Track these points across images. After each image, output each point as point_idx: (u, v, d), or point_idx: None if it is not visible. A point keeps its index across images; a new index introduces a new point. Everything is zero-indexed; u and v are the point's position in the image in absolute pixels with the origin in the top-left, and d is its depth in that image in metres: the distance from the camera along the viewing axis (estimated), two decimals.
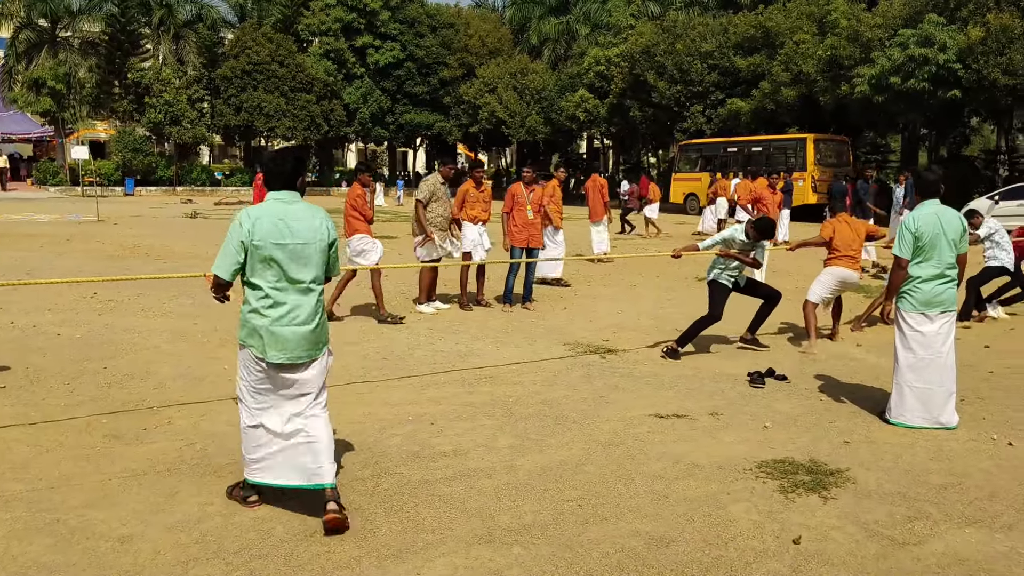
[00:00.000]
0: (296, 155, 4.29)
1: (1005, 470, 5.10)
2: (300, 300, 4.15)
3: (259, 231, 4.06)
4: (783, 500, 4.58)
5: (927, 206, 6.12)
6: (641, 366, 7.71)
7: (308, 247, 4.14)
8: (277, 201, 4.17)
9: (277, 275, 4.10)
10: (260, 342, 4.12)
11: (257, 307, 4.13)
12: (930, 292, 5.97)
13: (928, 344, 5.97)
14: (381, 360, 7.70)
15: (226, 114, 45.14)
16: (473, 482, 4.78)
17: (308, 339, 4.19)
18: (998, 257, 10.29)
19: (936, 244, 5.97)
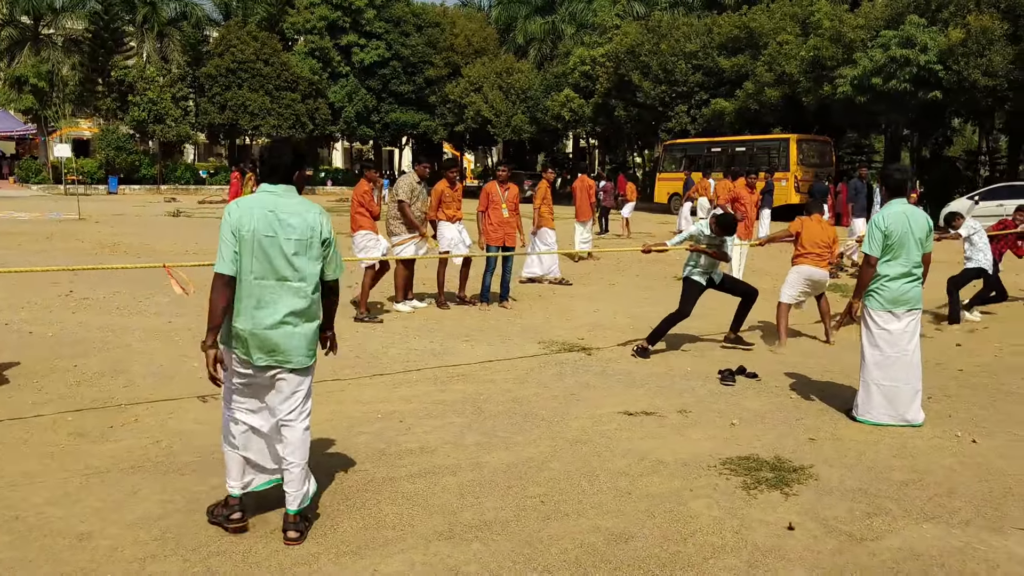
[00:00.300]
0: (295, 147, 4.05)
1: (967, 467, 5.14)
2: (289, 299, 3.86)
3: (247, 221, 3.78)
4: (745, 496, 4.60)
5: (895, 205, 6.16)
6: (614, 364, 7.74)
7: (299, 243, 3.85)
8: (268, 193, 3.89)
9: (264, 271, 3.82)
10: (245, 345, 3.84)
11: (242, 308, 3.83)
12: (897, 290, 6.01)
13: (895, 342, 6.02)
14: (354, 358, 7.69)
15: (210, 112, 44.93)
16: (437, 479, 4.78)
17: (296, 342, 3.89)
18: (975, 258, 10.39)
19: (904, 243, 6.02)
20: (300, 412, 4.02)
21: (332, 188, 48.91)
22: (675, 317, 8.11)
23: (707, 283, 8.23)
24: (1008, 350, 8.69)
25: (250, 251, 3.79)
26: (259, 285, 3.82)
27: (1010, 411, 6.35)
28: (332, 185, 50.12)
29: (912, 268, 6.05)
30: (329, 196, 44.24)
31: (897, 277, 6.01)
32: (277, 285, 3.84)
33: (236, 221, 3.81)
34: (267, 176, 3.97)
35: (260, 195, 3.91)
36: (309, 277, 3.91)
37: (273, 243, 3.81)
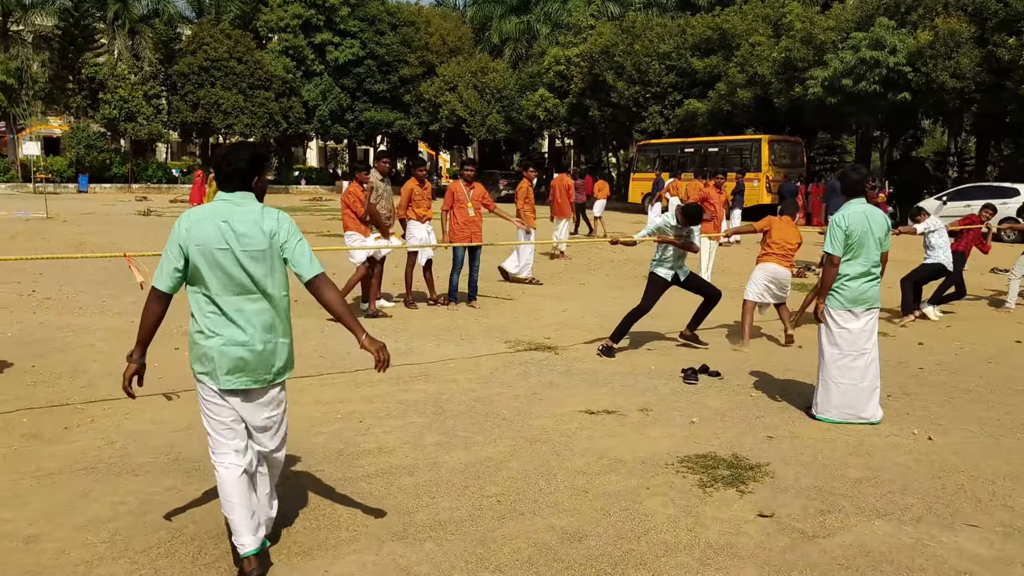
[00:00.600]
0: (254, 151, 3.71)
1: (922, 464, 5.19)
2: (257, 315, 3.55)
3: (198, 234, 3.46)
4: (701, 494, 4.62)
5: (855, 205, 6.22)
6: (579, 363, 7.75)
7: (258, 254, 3.52)
8: (224, 202, 3.57)
9: (224, 286, 3.50)
10: (211, 365, 3.54)
11: (203, 325, 3.55)
12: (857, 289, 6.07)
13: (854, 341, 6.07)
14: (318, 358, 7.65)
15: (183, 111, 44.58)
16: (394, 479, 4.76)
17: (267, 360, 3.60)
18: (934, 256, 10.51)
19: (864, 242, 6.07)
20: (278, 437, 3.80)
21: (306, 187, 48.68)
22: (636, 313, 8.14)
23: (672, 279, 8.25)
24: (968, 348, 8.80)
25: (205, 266, 3.48)
26: (219, 301, 3.52)
27: (966, 409, 6.42)
28: (306, 184, 49.84)
29: (871, 267, 6.11)
30: (303, 195, 44.05)
31: (857, 276, 6.07)
32: (239, 300, 3.53)
33: (184, 235, 3.49)
34: (223, 183, 3.63)
35: (215, 205, 3.59)
36: (273, 289, 3.59)
37: (227, 256, 3.49)
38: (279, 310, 3.64)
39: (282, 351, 3.68)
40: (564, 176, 17.13)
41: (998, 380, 7.38)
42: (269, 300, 3.58)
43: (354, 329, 3.68)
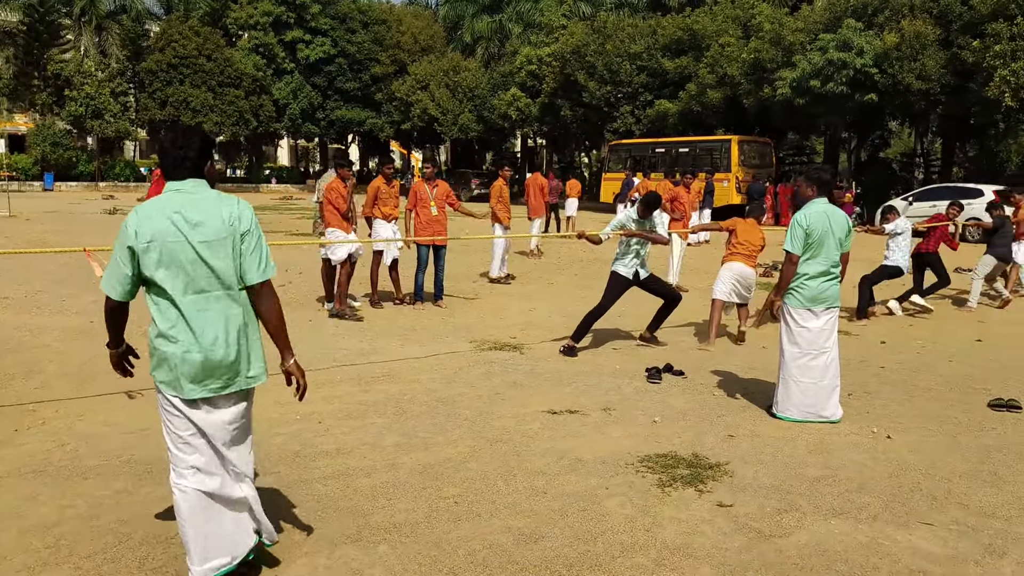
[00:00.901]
0: (203, 136, 3.46)
1: (880, 463, 5.22)
2: (220, 314, 3.27)
3: (149, 230, 3.15)
4: (659, 494, 4.61)
5: (816, 204, 6.24)
6: (544, 363, 7.72)
7: (216, 244, 3.24)
8: (176, 192, 3.27)
9: (182, 284, 3.21)
10: (174, 373, 3.26)
11: (163, 329, 3.25)
12: (816, 289, 6.09)
13: (813, 340, 6.09)
14: (278, 356, 7.53)
15: (151, 108, 44.08)
16: (351, 481, 4.70)
17: (234, 365, 3.33)
18: (893, 257, 10.62)
19: (825, 242, 6.10)
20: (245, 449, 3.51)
21: (276, 186, 48.29)
22: (596, 312, 8.15)
23: (633, 278, 8.24)
24: (930, 347, 8.88)
25: (160, 264, 3.18)
26: (180, 302, 3.23)
27: (925, 407, 6.47)
28: (276, 183, 49.45)
29: (831, 267, 6.13)
30: (273, 194, 43.71)
31: (817, 276, 6.09)
32: (201, 299, 3.24)
33: (132, 236, 3.17)
34: (172, 171, 3.33)
35: (164, 196, 3.27)
36: (235, 283, 3.32)
37: (183, 249, 3.19)
38: (247, 307, 3.37)
39: (254, 353, 3.42)
40: (538, 175, 17.39)
41: (958, 379, 7.45)
42: (235, 296, 3.31)
43: (285, 349, 3.51)
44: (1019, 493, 4.74)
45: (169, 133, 3.44)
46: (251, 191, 46.31)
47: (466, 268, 14.27)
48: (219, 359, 3.28)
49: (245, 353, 3.37)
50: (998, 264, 11.67)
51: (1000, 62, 22.53)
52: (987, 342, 9.22)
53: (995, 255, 11.59)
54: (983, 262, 11.66)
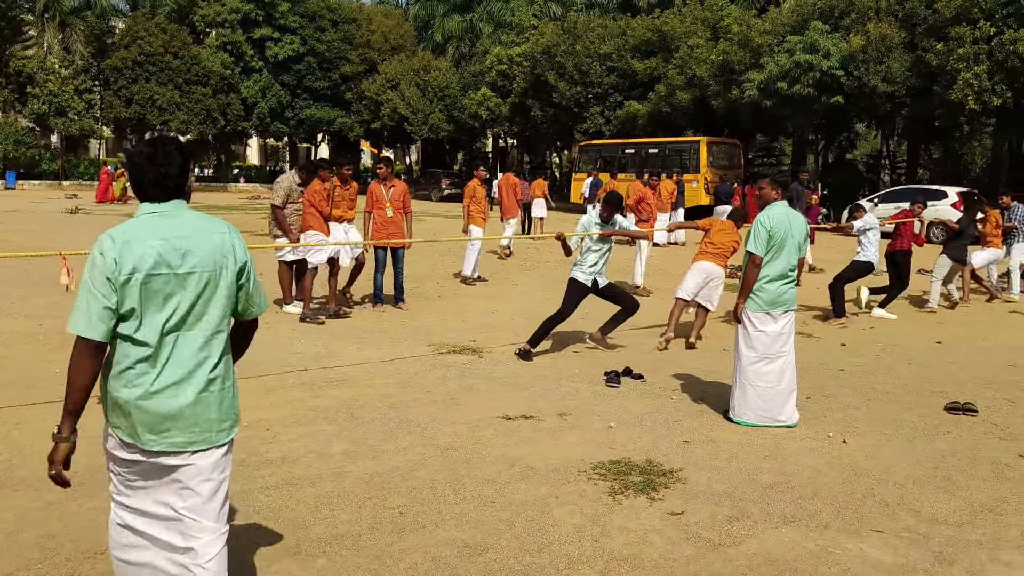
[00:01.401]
0: (184, 148, 2.95)
1: (834, 468, 5.18)
2: (194, 356, 2.79)
3: (130, 260, 2.68)
4: (610, 502, 4.52)
5: (777, 207, 6.21)
6: (502, 367, 7.62)
7: (206, 276, 2.80)
8: (156, 215, 2.81)
9: (158, 320, 2.73)
10: (129, 421, 2.74)
11: (127, 369, 2.74)
12: (775, 292, 6.05)
13: (770, 343, 6.05)
14: None
15: (116, 106, 43.37)
16: (294, 491, 4.57)
17: (203, 415, 2.81)
18: (864, 254, 10.75)
19: (785, 244, 6.06)
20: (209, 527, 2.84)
21: (244, 185, 47.76)
22: (556, 318, 8.06)
23: (591, 285, 8.17)
24: (890, 350, 8.90)
25: (137, 299, 2.70)
26: (149, 339, 2.74)
27: (882, 411, 6.45)
28: (245, 182, 48.92)
29: (789, 270, 6.10)
30: (241, 194, 43.21)
31: (776, 278, 6.05)
32: (174, 337, 2.77)
33: (112, 264, 2.67)
34: (149, 190, 2.84)
35: (145, 221, 2.80)
36: (217, 320, 2.84)
37: (169, 283, 2.74)
38: (225, 346, 2.88)
39: (226, 401, 2.89)
40: (510, 175, 17.38)
41: (916, 382, 7.45)
42: (212, 334, 2.83)
43: None
44: (971, 499, 4.71)
45: (146, 147, 2.88)
46: (219, 190, 45.76)
47: (430, 268, 14.15)
48: (188, 407, 2.77)
49: (219, 400, 2.85)
50: (954, 266, 11.75)
51: (963, 65, 22.77)
52: (946, 344, 9.26)
53: (951, 256, 11.65)
54: (939, 263, 11.74)
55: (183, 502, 2.81)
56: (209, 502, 2.84)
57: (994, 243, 12.61)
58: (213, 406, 2.83)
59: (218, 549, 2.86)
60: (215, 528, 2.85)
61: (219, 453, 2.87)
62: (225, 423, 2.88)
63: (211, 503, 2.84)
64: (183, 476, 2.81)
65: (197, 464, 2.81)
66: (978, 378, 7.65)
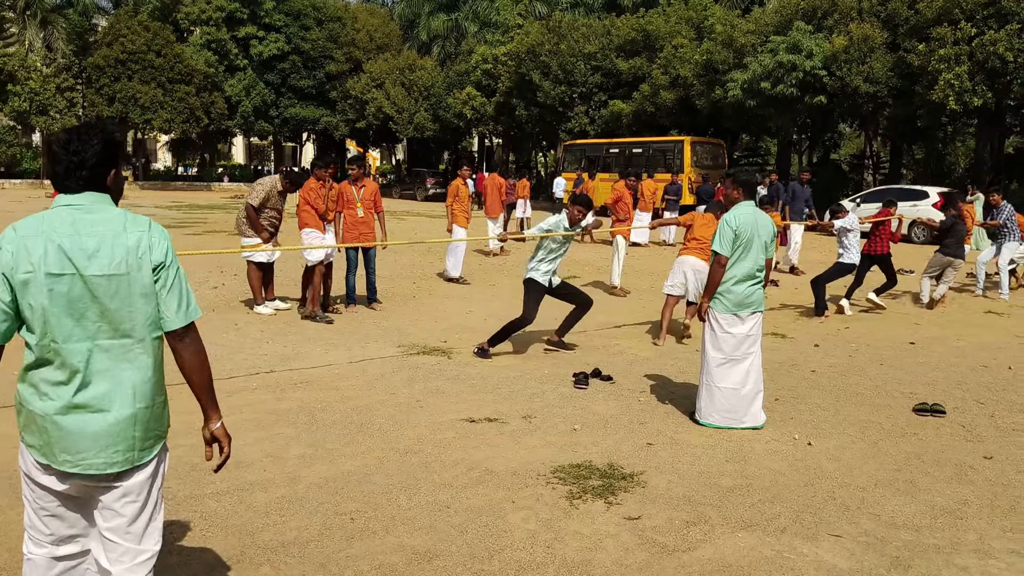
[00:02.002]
0: (106, 134, 2.67)
1: (797, 470, 5.13)
2: (113, 368, 2.55)
3: (27, 257, 2.46)
4: (567, 507, 4.45)
5: (744, 207, 6.16)
6: (471, 368, 7.54)
7: (114, 280, 2.53)
8: (68, 208, 2.56)
9: (68, 327, 2.50)
10: (44, 439, 2.54)
11: (38, 381, 2.54)
12: (742, 293, 6.00)
13: (737, 345, 6.00)
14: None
15: (99, 105, 43.00)
16: (245, 496, 4.49)
17: (124, 434, 2.57)
18: (846, 255, 10.87)
19: (751, 245, 6.01)
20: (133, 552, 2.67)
21: (228, 184, 47.50)
22: (518, 323, 7.97)
23: (547, 286, 8.11)
24: (863, 350, 8.86)
25: (40, 301, 2.48)
26: (62, 349, 2.51)
27: (849, 413, 6.41)
28: (229, 181, 48.67)
29: (756, 271, 6.05)
30: (224, 193, 43.00)
31: (743, 279, 6.00)
32: (88, 347, 2.53)
33: (9, 260, 2.47)
34: (63, 180, 2.61)
35: (52, 214, 2.56)
36: (142, 329, 2.60)
37: (72, 284, 2.49)
38: (146, 358, 2.62)
39: (152, 417, 2.65)
40: (495, 175, 17.89)
41: (887, 383, 7.42)
42: (131, 345, 2.58)
43: (211, 408, 2.85)
44: (933, 502, 4.67)
45: (63, 133, 2.67)
46: (203, 189, 45.56)
47: (408, 268, 14.06)
48: (106, 426, 2.54)
49: (142, 418, 2.61)
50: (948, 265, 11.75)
51: (945, 66, 22.83)
52: (920, 344, 9.23)
53: (946, 255, 11.71)
54: (932, 262, 11.85)
55: (105, 523, 2.64)
56: (133, 523, 2.65)
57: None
58: (138, 424, 2.59)
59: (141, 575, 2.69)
60: (138, 551, 2.67)
61: (145, 472, 2.66)
62: (148, 441, 2.65)
63: (135, 525, 2.66)
64: (105, 497, 2.63)
65: (120, 485, 2.62)
66: (949, 379, 7.63)
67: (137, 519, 2.66)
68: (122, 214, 2.63)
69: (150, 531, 2.71)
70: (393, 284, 12.32)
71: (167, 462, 2.85)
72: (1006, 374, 7.89)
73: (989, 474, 5.16)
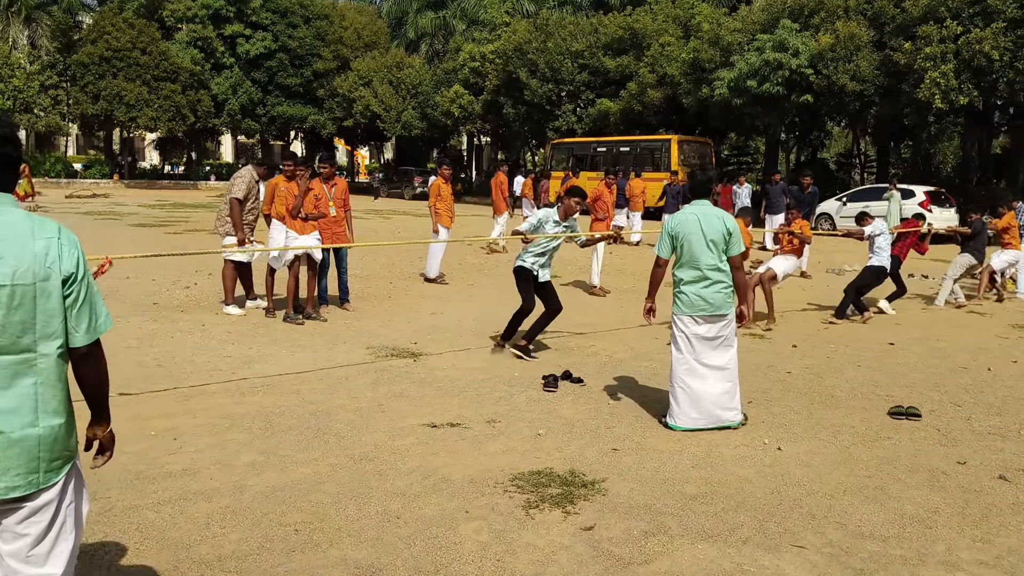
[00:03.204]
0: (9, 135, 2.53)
1: (764, 477, 4.97)
2: (9, 386, 2.36)
3: None
4: (522, 517, 4.28)
5: (692, 207, 6.05)
6: (439, 371, 7.35)
7: (17, 291, 2.34)
8: None
9: None
10: None
11: None
12: (694, 295, 5.85)
13: (701, 347, 5.85)
14: (155, 367, 7.10)
15: (83, 102, 42.59)
16: (187, 506, 4.30)
17: (26, 456, 2.38)
18: (879, 259, 10.76)
19: (690, 246, 5.84)
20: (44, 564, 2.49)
21: (215, 183, 47.14)
22: (521, 313, 7.98)
23: (535, 276, 7.96)
24: (841, 351, 8.72)
25: None
26: None
27: (822, 416, 6.26)
28: (215, 180, 48.32)
29: (707, 271, 5.84)
30: (210, 192, 42.67)
31: (691, 282, 5.88)
32: None
33: None
34: None
35: None
36: (43, 344, 2.40)
37: None
38: (49, 373, 2.42)
39: (58, 437, 2.45)
40: (499, 174, 18.28)
41: (863, 385, 7.27)
42: (33, 360, 2.39)
43: (101, 415, 2.67)
44: (902, 510, 4.51)
45: None
46: (190, 188, 45.22)
47: (386, 268, 13.87)
48: (2, 450, 2.35)
49: (40, 439, 2.41)
50: (970, 265, 12.03)
51: (931, 64, 22.73)
52: (899, 345, 9.09)
53: (973, 255, 11.97)
54: (957, 262, 11.99)
55: (6, 546, 2.44)
56: (36, 546, 2.45)
57: (1013, 244, 12.78)
58: (43, 445, 2.40)
59: None
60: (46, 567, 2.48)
61: (51, 493, 2.46)
62: (55, 462, 2.45)
63: (38, 547, 2.46)
64: (7, 520, 2.42)
65: (25, 506, 2.42)
66: (927, 380, 7.49)
67: (41, 541, 2.47)
68: (27, 217, 2.42)
69: (55, 554, 2.50)
70: (369, 284, 12.13)
71: (83, 484, 2.65)
72: (985, 376, 7.76)
73: (962, 480, 5.01)
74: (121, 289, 10.81)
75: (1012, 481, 5.00)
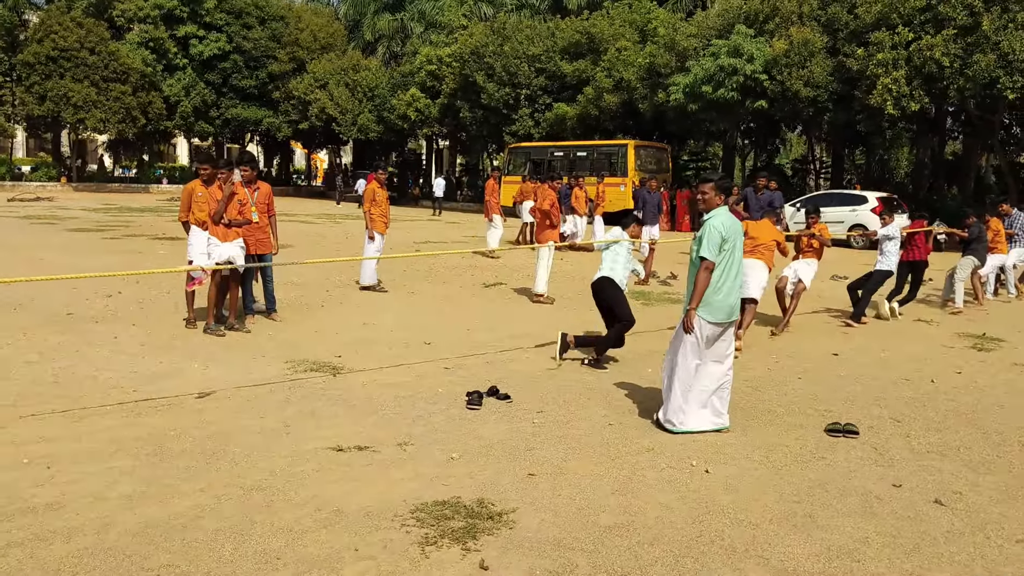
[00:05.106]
0: None
1: (687, 503, 4.63)
2: None
3: None
4: (417, 556, 3.90)
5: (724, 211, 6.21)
6: (358, 388, 6.91)
7: None
8: None
9: None
10: None
11: None
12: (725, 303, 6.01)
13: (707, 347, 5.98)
14: (50, 384, 6.59)
15: (29, 103, 41.48)
16: (40, 548, 3.85)
17: None
18: (886, 263, 11.04)
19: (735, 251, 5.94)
20: None
21: (167, 187, 46.14)
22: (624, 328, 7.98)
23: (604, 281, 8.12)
24: (783, 362, 8.45)
25: None
26: None
27: (757, 434, 5.95)
28: (167, 184, 47.32)
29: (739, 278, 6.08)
30: (161, 195, 41.74)
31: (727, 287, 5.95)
32: None
33: None
34: None
35: None
36: None
37: None
38: None
39: None
40: (491, 180, 18.83)
41: (802, 399, 6.99)
42: None
43: None
44: (830, 541, 4.20)
45: None
46: (140, 192, 44.22)
47: (324, 276, 13.39)
48: None
49: None
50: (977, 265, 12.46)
51: (883, 70, 22.77)
52: (844, 355, 8.85)
53: (976, 257, 12.40)
54: (963, 264, 12.37)
55: None
56: None
57: (999, 249, 13.26)
58: None
59: None
60: None
61: None
62: None
63: None
64: None
65: None
66: (868, 394, 7.23)
67: None
68: None
69: None
70: (304, 292, 11.67)
71: None
72: (928, 388, 7.53)
73: (896, 505, 4.72)
74: (38, 298, 10.26)
75: (947, 505, 4.73)
